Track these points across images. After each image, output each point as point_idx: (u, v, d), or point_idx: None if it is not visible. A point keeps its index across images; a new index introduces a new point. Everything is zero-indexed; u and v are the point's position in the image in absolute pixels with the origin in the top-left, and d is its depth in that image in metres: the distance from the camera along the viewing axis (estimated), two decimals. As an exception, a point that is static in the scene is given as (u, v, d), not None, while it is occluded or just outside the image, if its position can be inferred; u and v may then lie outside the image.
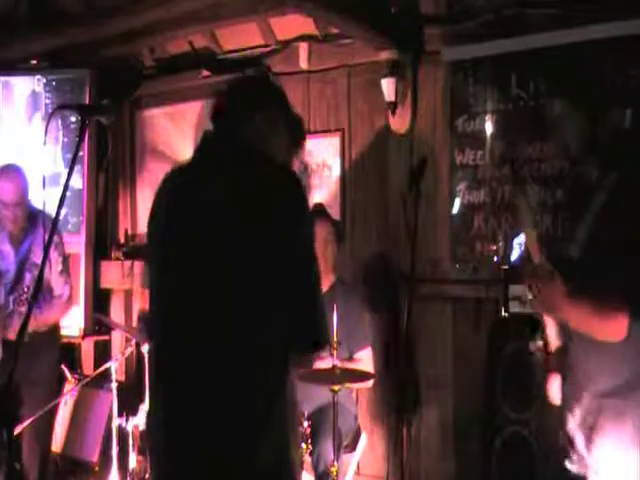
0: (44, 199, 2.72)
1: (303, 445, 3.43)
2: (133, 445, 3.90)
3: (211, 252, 1.95)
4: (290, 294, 1.93)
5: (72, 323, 5.22)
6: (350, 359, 3.84)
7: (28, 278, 4.00)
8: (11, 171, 3.98)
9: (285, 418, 1.98)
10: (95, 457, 4.48)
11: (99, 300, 5.48)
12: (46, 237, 3.99)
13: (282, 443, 1.96)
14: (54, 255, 4.06)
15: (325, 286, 3.82)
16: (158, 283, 2.07)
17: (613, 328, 2.10)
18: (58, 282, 4.09)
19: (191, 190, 2.04)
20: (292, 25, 4.69)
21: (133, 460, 3.92)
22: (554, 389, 2.42)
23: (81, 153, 5.21)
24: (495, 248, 4.07)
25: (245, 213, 1.94)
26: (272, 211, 1.94)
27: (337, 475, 3.35)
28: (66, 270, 4.15)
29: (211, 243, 1.96)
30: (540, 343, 2.46)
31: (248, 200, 1.95)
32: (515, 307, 3.60)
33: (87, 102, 5.18)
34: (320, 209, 4.00)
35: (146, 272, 2.11)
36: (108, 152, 5.63)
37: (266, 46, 4.91)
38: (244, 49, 5.01)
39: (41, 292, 3.96)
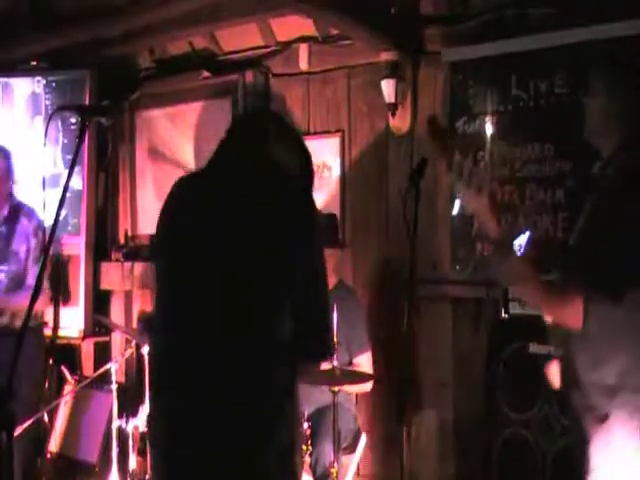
0: (44, 200, 2.72)
1: (303, 446, 3.43)
2: (133, 446, 3.90)
3: (223, 260, 1.97)
4: (299, 303, 1.96)
5: (72, 324, 5.23)
6: (349, 364, 3.85)
7: (6, 268, 3.87)
8: None
9: (292, 420, 1.98)
10: (95, 458, 4.48)
11: (99, 301, 5.48)
12: (30, 229, 3.96)
13: (289, 444, 1.97)
14: (32, 242, 3.93)
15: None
16: (168, 288, 2.07)
17: (570, 313, 2.08)
18: (31, 272, 3.92)
19: (205, 197, 2.07)
20: (292, 26, 4.69)
21: (133, 461, 3.92)
22: (553, 374, 2.42)
23: (81, 154, 5.21)
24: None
25: (258, 223, 1.97)
26: (283, 229, 1.97)
27: (337, 476, 3.35)
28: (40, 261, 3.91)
29: (224, 251, 1.98)
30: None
31: (261, 210, 1.98)
32: (515, 308, 3.60)
33: (87, 103, 5.18)
34: (330, 222, 3.97)
35: (155, 276, 2.12)
36: (108, 153, 5.63)
37: (266, 47, 4.92)
38: (244, 50, 5.01)
39: (15, 279, 3.87)
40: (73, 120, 5.23)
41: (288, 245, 1.95)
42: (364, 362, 3.91)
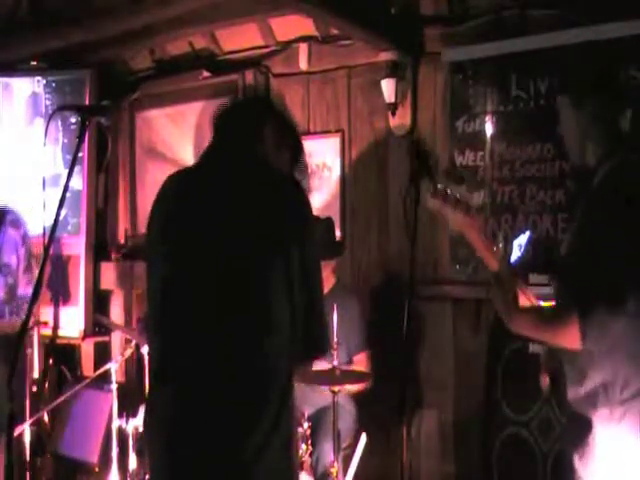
0: (44, 200, 2.71)
1: (303, 446, 3.43)
2: (133, 446, 3.90)
3: (215, 256, 1.96)
4: (293, 301, 1.94)
5: (72, 324, 5.23)
6: (349, 363, 3.85)
7: (0, 282, 3.81)
8: None
9: (291, 419, 1.98)
10: (95, 458, 4.48)
11: (99, 301, 5.48)
12: (17, 238, 3.92)
13: (287, 443, 1.96)
14: (21, 251, 3.87)
15: (326, 288, 3.81)
16: (163, 285, 2.05)
17: (567, 336, 2.04)
18: (22, 281, 3.86)
19: (197, 193, 2.05)
20: (292, 26, 4.69)
21: (133, 461, 3.91)
22: (545, 383, 2.41)
23: (81, 154, 5.21)
24: (495, 249, 4.06)
25: (252, 220, 1.96)
26: (275, 216, 1.96)
27: (337, 476, 3.35)
28: (30, 268, 3.90)
29: (215, 246, 1.97)
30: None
31: (254, 206, 1.97)
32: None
33: (87, 103, 5.18)
34: (327, 226, 3.96)
35: (148, 273, 2.10)
36: (108, 153, 5.64)
37: (266, 47, 4.92)
38: (244, 50, 5.01)
39: (11, 292, 3.84)
40: (73, 120, 5.24)
41: (283, 241, 1.94)
42: (362, 361, 3.91)
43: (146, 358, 3.93)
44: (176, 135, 5.36)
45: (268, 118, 2.16)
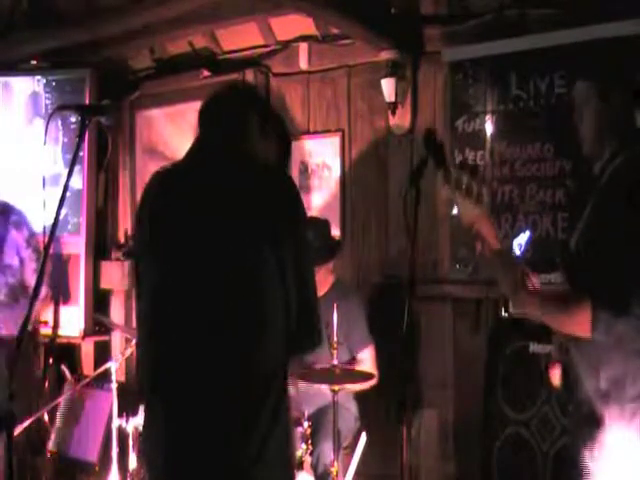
0: (44, 199, 2.71)
1: (303, 445, 3.42)
2: (133, 445, 3.90)
3: (206, 252, 1.94)
4: (285, 293, 1.93)
5: (72, 323, 5.23)
6: (352, 361, 3.84)
7: (1, 281, 3.90)
8: None
9: (288, 414, 1.97)
10: (95, 457, 4.47)
11: (99, 300, 5.48)
12: (19, 240, 3.95)
13: (286, 437, 1.96)
14: (27, 252, 3.97)
15: (325, 287, 3.82)
16: (151, 289, 2.02)
17: (578, 323, 2.04)
18: (33, 281, 3.99)
19: (183, 191, 2.03)
20: (292, 25, 4.69)
21: (133, 460, 3.91)
22: (556, 376, 2.40)
23: (81, 153, 5.20)
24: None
25: (239, 213, 1.94)
26: (267, 212, 1.94)
27: (337, 475, 3.35)
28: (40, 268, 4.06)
29: (205, 245, 1.95)
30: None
31: (243, 200, 1.96)
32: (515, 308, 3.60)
33: (87, 102, 5.18)
34: (323, 227, 3.94)
35: (136, 275, 2.07)
36: (108, 153, 5.63)
37: (266, 46, 4.92)
38: (244, 49, 5.01)
39: (21, 292, 3.89)
40: (73, 119, 5.23)
41: (275, 235, 1.92)
42: (367, 357, 3.90)
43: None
44: (176, 134, 5.36)
45: (252, 108, 2.14)
